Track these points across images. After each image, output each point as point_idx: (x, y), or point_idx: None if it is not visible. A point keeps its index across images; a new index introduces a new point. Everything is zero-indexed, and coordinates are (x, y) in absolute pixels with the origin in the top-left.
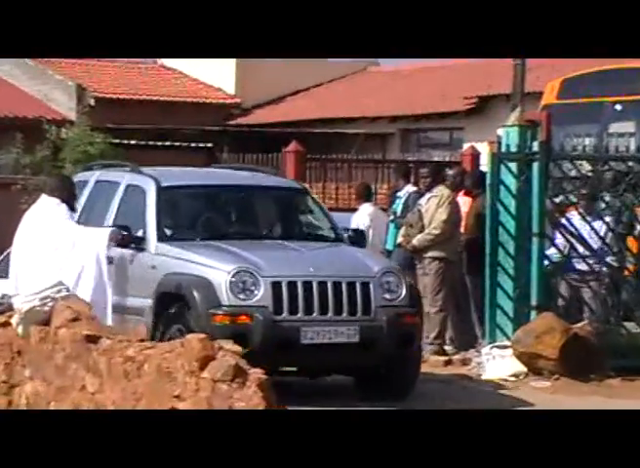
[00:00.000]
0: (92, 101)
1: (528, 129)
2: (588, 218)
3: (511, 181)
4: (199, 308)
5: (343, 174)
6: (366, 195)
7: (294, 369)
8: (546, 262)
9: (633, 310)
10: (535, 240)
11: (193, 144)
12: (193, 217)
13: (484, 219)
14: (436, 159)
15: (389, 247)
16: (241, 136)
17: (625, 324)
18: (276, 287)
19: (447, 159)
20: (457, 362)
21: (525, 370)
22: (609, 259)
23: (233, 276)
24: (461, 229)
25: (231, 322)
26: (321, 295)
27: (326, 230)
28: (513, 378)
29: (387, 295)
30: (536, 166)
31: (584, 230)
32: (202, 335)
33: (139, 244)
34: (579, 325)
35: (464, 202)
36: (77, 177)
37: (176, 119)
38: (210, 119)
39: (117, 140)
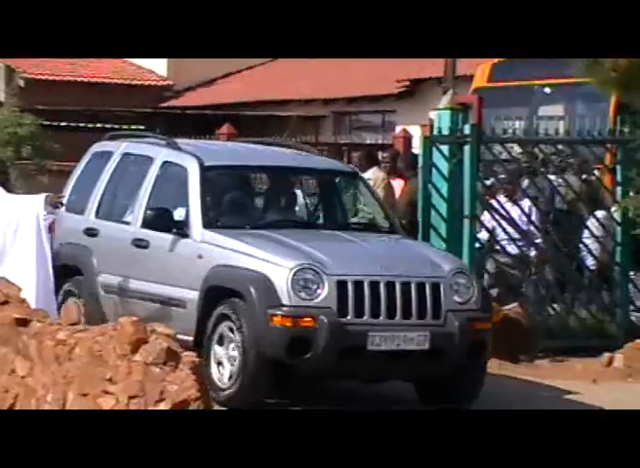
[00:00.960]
0: (21, 83)
1: (459, 112)
2: (519, 201)
3: (443, 164)
4: (256, 307)
5: None
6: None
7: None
8: (478, 245)
9: (563, 291)
10: (466, 222)
11: (125, 126)
12: (239, 202)
13: (417, 202)
14: (369, 142)
15: None
16: (173, 118)
17: (555, 305)
18: (341, 286)
19: (380, 142)
20: None
21: None
22: (537, 241)
23: (295, 273)
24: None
25: (293, 324)
26: (389, 297)
27: (379, 219)
28: None
29: (458, 298)
30: (467, 149)
31: (514, 213)
32: (134, 318)
33: (180, 229)
34: (509, 306)
35: (398, 184)
36: (98, 148)
37: (108, 101)
38: (142, 101)
39: (47, 122)
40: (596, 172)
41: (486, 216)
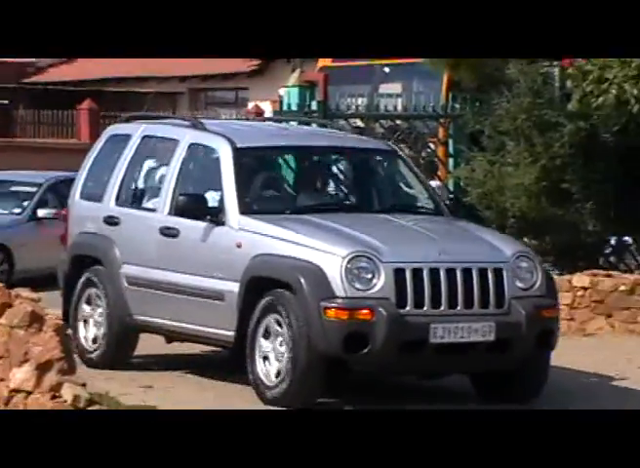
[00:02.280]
0: None
1: (307, 89)
2: None
3: None
4: (307, 299)
5: None
6: None
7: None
8: None
9: None
10: None
11: None
12: (276, 185)
13: None
14: (223, 117)
15: None
16: (37, 93)
17: None
18: (399, 275)
19: (233, 117)
20: None
21: None
22: None
23: (349, 262)
24: None
25: (349, 317)
26: (450, 285)
27: (424, 200)
28: None
29: (521, 284)
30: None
31: None
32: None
33: (214, 216)
34: None
35: None
36: (114, 131)
37: None
38: (4, 77)
39: None
40: (431, 145)
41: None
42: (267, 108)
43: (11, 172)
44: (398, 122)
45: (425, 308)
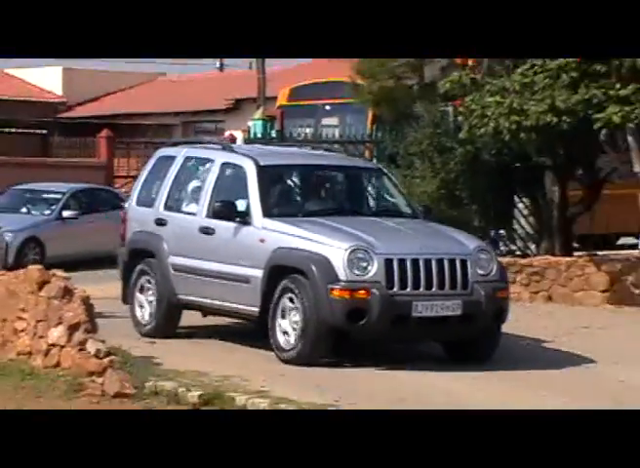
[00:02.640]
0: None
1: (268, 121)
2: None
3: None
4: (318, 282)
5: (142, 152)
6: None
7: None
8: None
9: None
10: None
11: (31, 130)
12: (290, 194)
13: None
14: (207, 140)
15: None
16: (67, 125)
17: None
18: (388, 263)
19: (214, 140)
20: None
21: None
22: None
23: (350, 253)
24: None
25: (350, 296)
26: (427, 272)
27: (404, 206)
28: None
29: (481, 271)
30: None
31: None
32: (39, 266)
33: (243, 218)
34: None
35: None
36: (163, 153)
37: (16, 114)
38: (44, 113)
39: None
40: None
41: None
42: (239, 136)
43: (43, 183)
44: (336, 146)
45: (408, 289)
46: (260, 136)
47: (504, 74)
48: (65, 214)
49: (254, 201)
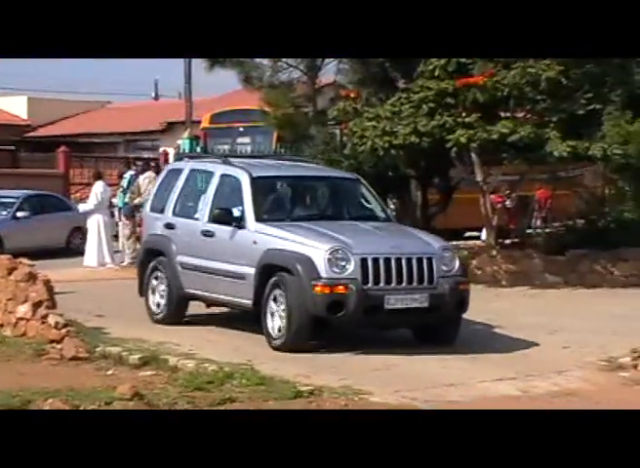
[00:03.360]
0: None
1: (194, 140)
2: None
3: None
4: (303, 279)
5: (92, 165)
6: (98, 176)
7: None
8: None
9: None
10: None
11: (2, 147)
12: (279, 202)
13: None
14: (145, 156)
15: (120, 204)
16: (32, 143)
17: None
18: (363, 262)
19: (152, 156)
20: None
21: None
22: None
23: (330, 253)
24: None
25: (330, 291)
26: (397, 269)
27: (378, 211)
28: None
29: (445, 268)
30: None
31: None
32: (9, 256)
33: (239, 223)
34: None
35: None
36: (172, 166)
37: None
38: (13, 133)
39: None
40: None
41: None
42: (171, 151)
43: (3, 191)
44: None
45: (381, 284)
46: (188, 151)
47: (379, 104)
48: (19, 214)
49: (247, 208)
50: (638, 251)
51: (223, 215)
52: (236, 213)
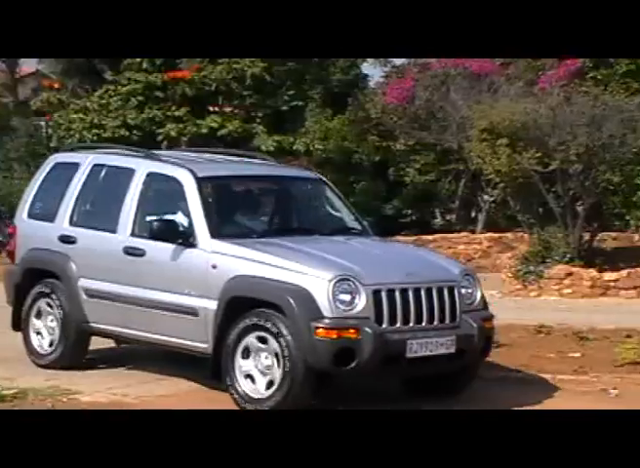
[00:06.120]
0: None
1: None
2: None
3: None
4: (299, 320)
5: None
6: None
7: None
8: None
9: None
10: None
11: None
12: (238, 211)
13: None
14: None
15: None
16: None
17: None
18: (376, 295)
19: None
20: None
21: None
22: None
23: (335, 284)
24: None
25: (338, 336)
26: (416, 303)
27: (351, 221)
28: None
29: (467, 299)
30: None
31: None
32: None
33: (186, 239)
34: None
35: None
36: (61, 159)
37: None
38: None
39: None
40: None
41: None
42: None
43: None
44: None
45: (398, 324)
46: None
47: (85, 96)
48: None
49: (197, 219)
50: None
51: (166, 229)
52: (182, 226)
